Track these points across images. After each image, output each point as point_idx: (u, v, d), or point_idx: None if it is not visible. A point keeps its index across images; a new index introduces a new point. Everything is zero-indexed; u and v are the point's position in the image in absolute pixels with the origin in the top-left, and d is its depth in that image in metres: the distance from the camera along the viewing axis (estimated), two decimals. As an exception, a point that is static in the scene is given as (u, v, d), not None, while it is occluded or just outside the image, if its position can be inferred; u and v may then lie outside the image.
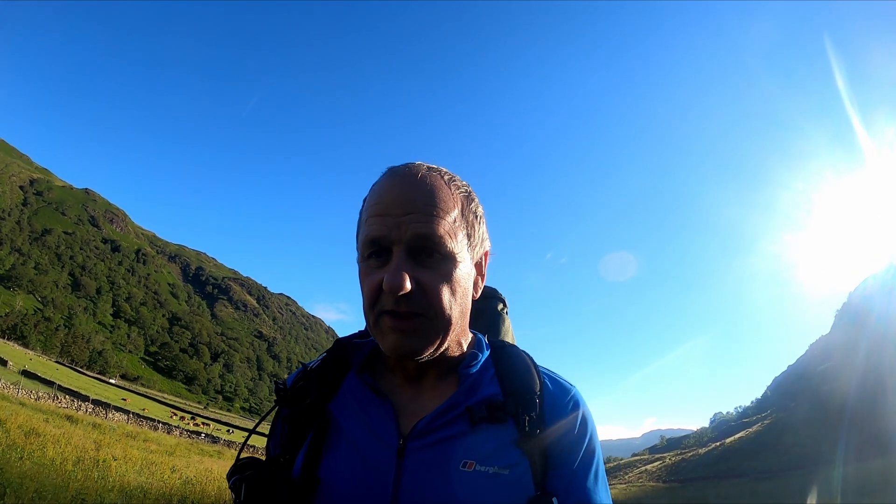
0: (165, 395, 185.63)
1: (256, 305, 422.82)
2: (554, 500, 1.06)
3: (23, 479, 9.23)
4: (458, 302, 1.12)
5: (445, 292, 1.08)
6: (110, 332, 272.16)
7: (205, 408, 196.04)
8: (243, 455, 1.20)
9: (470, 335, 1.27)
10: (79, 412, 36.58)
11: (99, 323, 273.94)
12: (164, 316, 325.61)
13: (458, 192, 1.16)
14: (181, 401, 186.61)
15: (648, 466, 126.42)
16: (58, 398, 43.07)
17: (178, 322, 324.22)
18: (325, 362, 1.26)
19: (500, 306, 1.55)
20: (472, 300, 1.21)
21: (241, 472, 1.11)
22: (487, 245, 1.24)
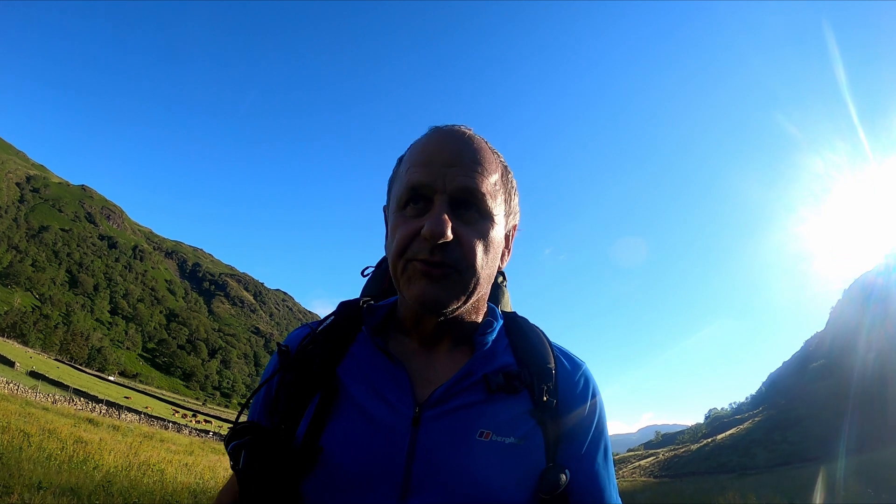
0: (164, 392, 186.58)
1: (253, 301, 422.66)
2: (566, 472, 1.06)
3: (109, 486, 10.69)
4: (489, 263, 1.11)
5: (480, 250, 1.07)
6: (108, 328, 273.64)
7: (203, 404, 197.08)
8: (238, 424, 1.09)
9: (486, 304, 1.25)
10: (94, 413, 37.90)
11: (97, 320, 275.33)
12: (161, 312, 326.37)
13: (498, 158, 1.17)
14: (180, 397, 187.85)
15: (642, 462, 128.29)
16: (73, 401, 44.46)
17: (176, 318, 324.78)
18: (332, 325, 1.23)
19: (500, 279, 1.53)
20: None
21: (240, 438, 1.07)
22: (518, 219, 1.26)
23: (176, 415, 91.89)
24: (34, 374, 77.22)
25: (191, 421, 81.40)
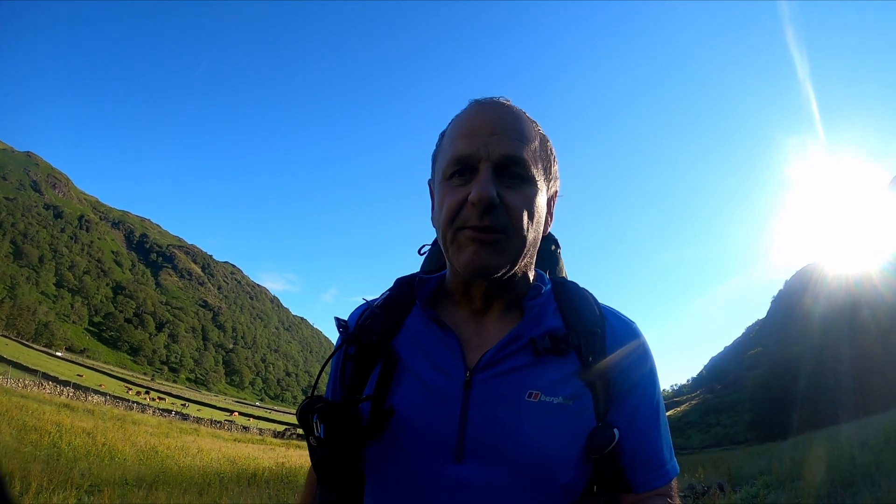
0: (112, 368, 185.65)
1: (201, 274, 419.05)
2: (615, 431, 1.08)
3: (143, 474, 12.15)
4: (534, 227, 1.15)
5: (525, 214, 1.11)
6: (53, 302, 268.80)
7: (151, 379, 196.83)
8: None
9: (534, 270, 1.28)
10: (62, 396, 39.41)
11: (42, 293, 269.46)
12: (107, 285, 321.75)
13: (536, 127, 1.21)
14: (129, 373, 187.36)
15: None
16: (42, 385, 45.83)
17: (123, 291, 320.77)
18: (388, 300, 1.28)
19: (553, 247, 1.57)
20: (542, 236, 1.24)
21: (313, 410, 1.11)
22: (558, 185, 1.29)
23: (129, 392, 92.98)
24: (-9, 355, 77.48)
25: (145, 399, 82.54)
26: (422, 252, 1.47)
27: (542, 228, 1.20)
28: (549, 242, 1.57)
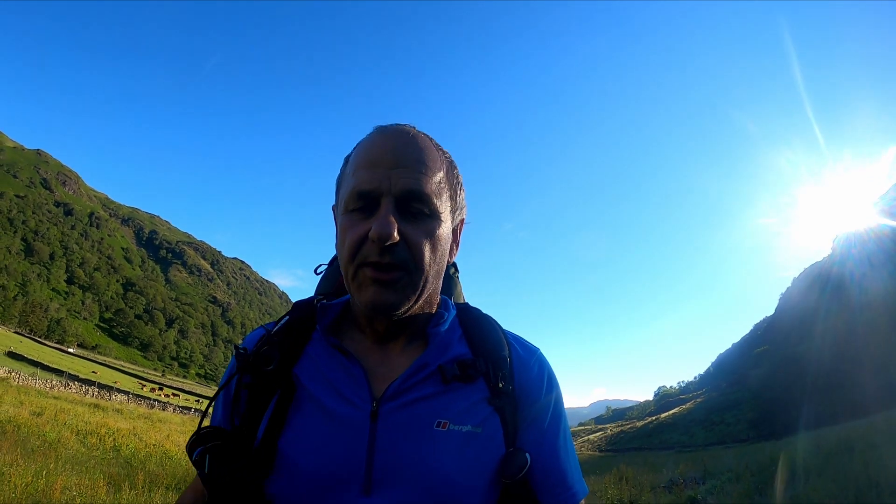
0: (124, 364, 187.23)
1: (210, 270, 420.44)
2: (527, 455, 1.07)
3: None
4: (436, 262, 1.13)
5: (427, 249, 1.09)
6: (64, 298, 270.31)
7: (162, 375, 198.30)
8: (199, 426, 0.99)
9: (438, 297, 1.27)
10: (87, 396, 40.51)
11: (53, 290, 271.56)
12: (118, 281, 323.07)
13: (443, 155, 1.18)
14: (139, 368, 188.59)
15: (591, 436, 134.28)
16: (69, 385, 47.36)
17: (133, 288, 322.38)
18: (288, 325, 1.23)
19: (452, 270, 1.52)
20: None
21: (204, 444, 1.07)
22: (464, 213, 1.27)
23: (144, 388, 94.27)
24: (12, 355, 78.81)
25: (160, 395, 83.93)
26: (318, 272, 1.46)
27: (445, 260, 1.18)
28: (448, 266, 1.49)
